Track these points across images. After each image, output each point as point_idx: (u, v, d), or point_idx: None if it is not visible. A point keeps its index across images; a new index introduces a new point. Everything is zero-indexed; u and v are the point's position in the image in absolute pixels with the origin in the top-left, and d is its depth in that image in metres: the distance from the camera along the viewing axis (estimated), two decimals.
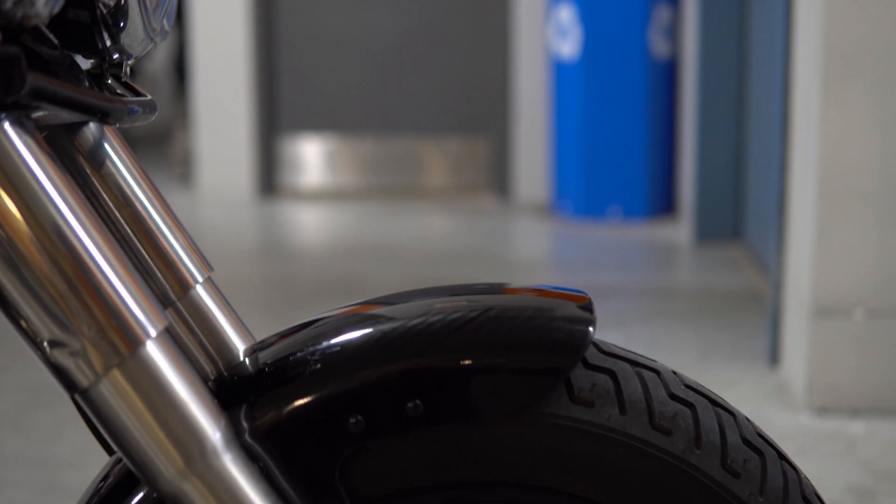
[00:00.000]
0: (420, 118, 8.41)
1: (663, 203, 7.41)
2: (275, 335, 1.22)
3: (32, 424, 3.65)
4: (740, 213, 6.41)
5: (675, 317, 4.86)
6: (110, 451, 1.29)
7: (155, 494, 1.11)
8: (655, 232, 6.92)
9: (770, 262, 4.33)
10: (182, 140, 8.99)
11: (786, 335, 3.94)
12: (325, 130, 8.46)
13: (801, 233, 3.75)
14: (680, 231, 6.82)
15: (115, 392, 0.97)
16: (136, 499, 1.12)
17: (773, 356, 4.05)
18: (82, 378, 0.96)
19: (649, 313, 4.95)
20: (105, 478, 1.17)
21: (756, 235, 5.82)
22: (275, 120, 8.39)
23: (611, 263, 6.02)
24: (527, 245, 6.91)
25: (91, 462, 3.21)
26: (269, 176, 8.31)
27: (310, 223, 7.51)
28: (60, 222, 0.95)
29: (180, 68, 9.41)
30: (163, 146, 9.99)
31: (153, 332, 0.97)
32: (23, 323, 0.95)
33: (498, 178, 8.10)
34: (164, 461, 0.99)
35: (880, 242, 3.57)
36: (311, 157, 8.46)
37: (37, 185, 0.94)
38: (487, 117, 8.20)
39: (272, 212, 7.72)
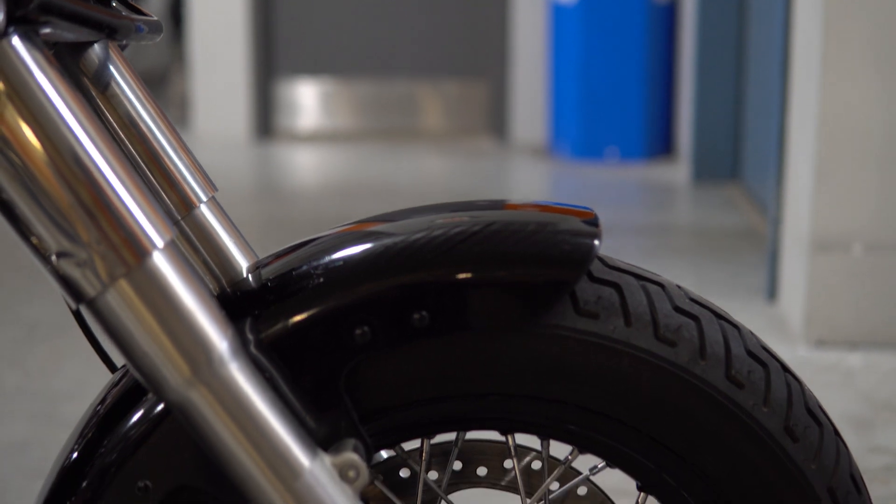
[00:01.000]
0: (418, 61, 8.38)
1: (661, 144, 7.40)
2: (276, 252, 1.22)
3: (31, 359, 3.66)
4: (738, 154, 6.40)
5: (672, 254, 4.87)
6: (112, 368, 1.29)
7: (155, 411, 1.11)
8: (653, 173, 6.91)
9: (768, 200, 4.34)
10: (179, 83, 8.97)
11: (784, 270, 3.95)
12: (322, 73, 8.43)
13: (800, 169, 3.75)
14: (678, 172, 6.82)
15: (122, 302, 0.97)
16: (135, 417, 1.12)
17: (771, 291, 4.05)
18: (89, 288, 0.96)
19: (647, 250, 4.95)
20: (103, 400, 1.17)
21: (754, 175, 5.82)
22: (271, 63, 8.35)
23: (608, 203, 6.02)
24: (524, 185, 6.90)
25: (90, 393, 3.21)
26: (266, 119, 8.29)
27: (307, 165, 7.50)
28: (67, 134, 0.95)
29: (177, 13, 9.37)
30: (160, 90, 9.95)
31: (160, 243, 0.98)
32: (31, 235, 0.95)
33: (495, 121, 8.09)
34: (172, 370, 0.99)
35: (879, 178, 3.57)
36: (308, 99, 8.44)
37: (44, 99, 0.94)
38: (485, 60, 8.17)
39: (269, 154, 7.70)
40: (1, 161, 0.94)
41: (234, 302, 1.14)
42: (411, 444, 1.28)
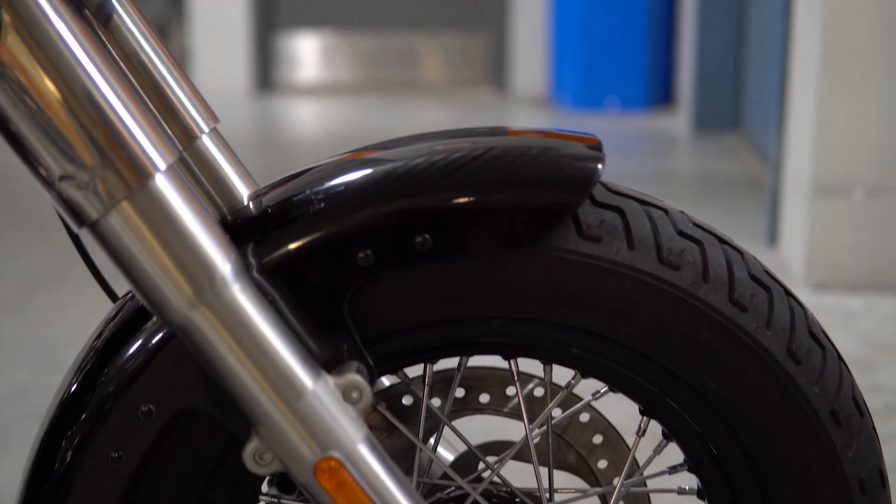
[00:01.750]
0: (417, 13, 8.35)
1: (661, 93, 7.38)
2: (275, 182, 1.22)
3: (31, 309, 3.66)
4: (739, 103, 6.38)
5: (673, 201, 4.82)
6: (113, 297, 1.29)
7: (157, 338, 1.11)
8: (654, 122, 6.90)
9: (769, 148, 4.33)
10: (179, 37, 8.93)
11: (785, 215, 3.95)
12: (322, 26, 8.40)
13: (801, 113, 3.74)
14: (678, 121, 6.81)
15: (124, 224, 0.97)
16: (136, 345, 1.12)
17: (772, 235, 4.05)
18: (91, 210, 0.96)
19: None
20: (101, 333, 1.17)
21: (754, 124, 5.81)
22: (271, 16, 8.32)
23: (609, 152, 5.95)
24: None
25: None
26: (266, 72, 8.26)
27: (307, 117, 7.48)
28: (70, 58, 0.95)
29: None
30: None
31: (162, 165, 0.97)
32: (33, 160, 0.96)
33: (495, 72, 8.06)
34: (175, 292, 0.99)
35: (881, 122, 3.56)
36: (308, 52, 8.41)
37: (48, 25, 0.94)
38: (485, 11, 8.13)
39: (269, 107, 7.68)
40: (3, 86, 0.94)
41: (236, 229, 1.14)
42: (414, 373, 1.28)
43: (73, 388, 1.14)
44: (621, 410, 1.53)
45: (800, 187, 3.70)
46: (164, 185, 0.98)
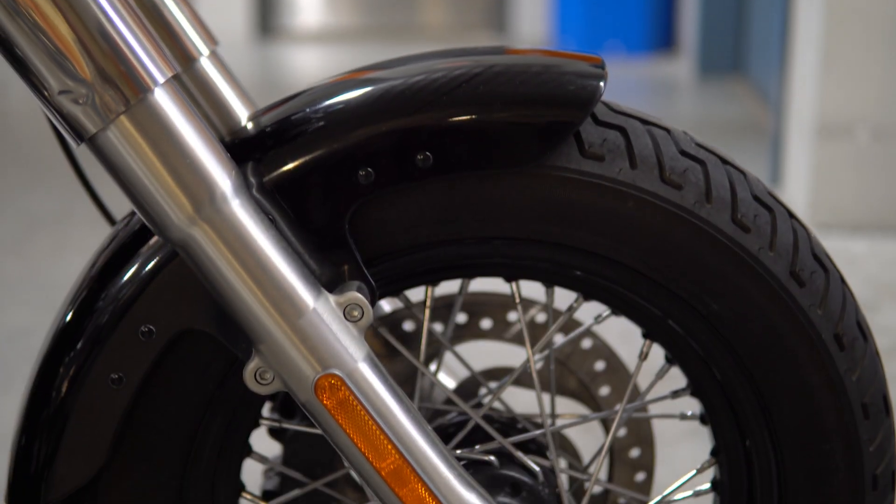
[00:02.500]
0: None
1: (664, 38, 7.35)
2: (272, 104, 1.20)
3: (32, 250, 3.66)
4: (742, 48, 6.35)
5: None
6: (112, 221, 1.29)
7: (156, 259, 1.10)
8: (656, 66, 6.87)
9: (772, 92, 4.31)
10: None
11: (788, 156, 3.93)
12: None
13: (805, 53, 3.72)
14: (681, 65, 6.78)
15: (123, 138, 0.96)
16: (134, 267, 1.11)
17: (775, 177, 4.04)
18: (90, 124, 0.96)
19: None
20: (94, 264, 1.16)
21: (757, 68, 5.78)
22: None
23: (610, 96, 5.97)
24: None
25: None
26: (266, 17, 8.22)
27: (308, 63, 7.46)
28: None
29: None
30: None
31: (160, 79, 0.97)
32: (32, 75, 0.95)
33: (497, 16, 8.02)
34: (175, 207, 0.98)
35: (886, 62, 3.54)
36: None
37: None
38: None
39: (269, 53, 7.65)
40: (2, 1, 0.93)
41: (235, 149, 1.13)
42: (415, 301, 1.27)
43: (70, 315, 1.14)
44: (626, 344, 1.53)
45: (803, 127, 3.69)
46: (163, 100, 0.97)
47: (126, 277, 1.11)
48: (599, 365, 1.39)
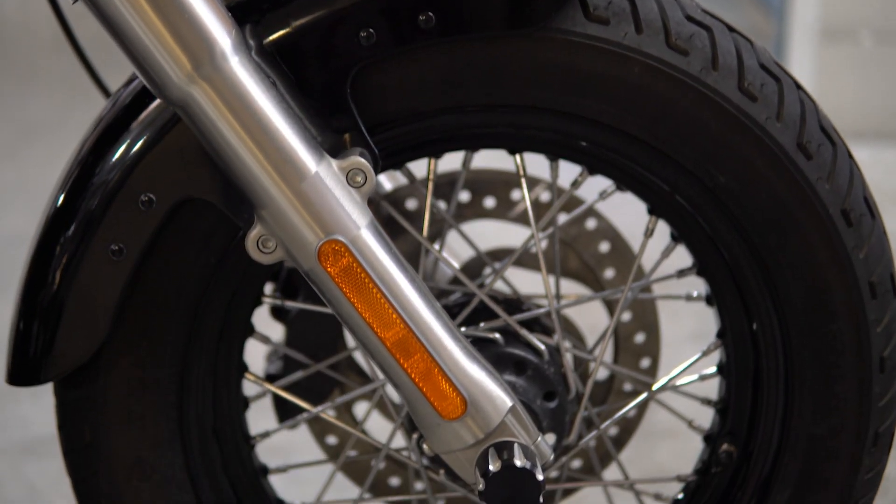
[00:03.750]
0: None
1: None
2: None
3: (26, 156, 3.64)
4: None
5: None
6: (106, 93, 1.27)
7: (155, 126, 1.08)
8: None
9: None
10: None
11: (791, 61, 3.89)
12: None
13: None
14: None
15: None
16: (132, 136, 1.09)
17: None
18: None
19: None
20: (85, 141, 1.14)
21: None
22: None
23: None
24: None
25: None
26: None
27: None
28: None
29: None
30: None
31: None
32: None
33: None
34: (174, 65, 0.97)
35: None
36: None
37: None
38: None
39: None
40: None
41: (233, 10, 1.09)
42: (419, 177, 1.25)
43: (67, 190, 1.12)
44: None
45: (805, 31, 3.65)
46: None
47: (124, 146, 1.08)
48: (604, 246, 1.37)
